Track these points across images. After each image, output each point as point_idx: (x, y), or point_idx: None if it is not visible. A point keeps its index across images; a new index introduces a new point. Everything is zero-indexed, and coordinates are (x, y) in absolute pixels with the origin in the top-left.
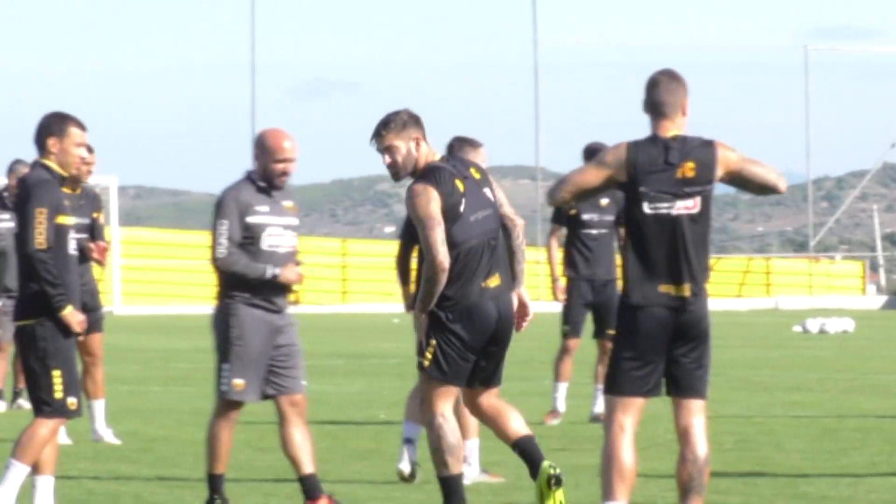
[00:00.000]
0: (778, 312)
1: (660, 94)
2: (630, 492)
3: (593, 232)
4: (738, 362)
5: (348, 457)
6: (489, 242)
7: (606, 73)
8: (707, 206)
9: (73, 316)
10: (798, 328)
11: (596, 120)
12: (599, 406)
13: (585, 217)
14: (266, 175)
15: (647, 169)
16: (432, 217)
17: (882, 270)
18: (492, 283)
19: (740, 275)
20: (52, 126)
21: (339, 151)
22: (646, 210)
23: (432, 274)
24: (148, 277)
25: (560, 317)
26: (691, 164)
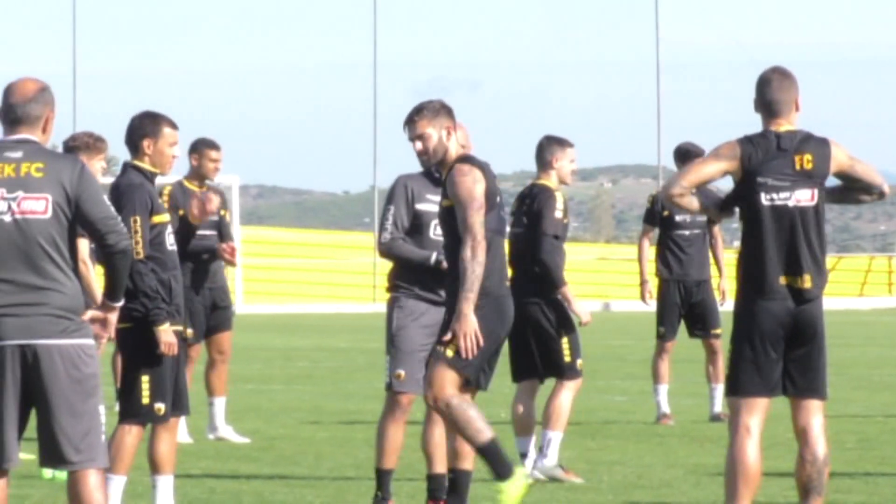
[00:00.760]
0: None
1: (772, 92)
2: (754, 495)
3: (686, 233)
4: (859, 361)
5: None
6: (505, 242)
7: (728, 71)
8: (823, 202)
9: (165, 334)
10: None
11: (718, 119)
12: (718, 405)
13: (678, 218)
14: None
15: (761, 158)
16: (479, 197)
17: None
18: (509, 283)
19: (862, 274)
20: (146, 127)
21: None
22: (763, 202)
23: (476, 250)
24: (269, 277)
25: (655, 319)
26: (809, 157)
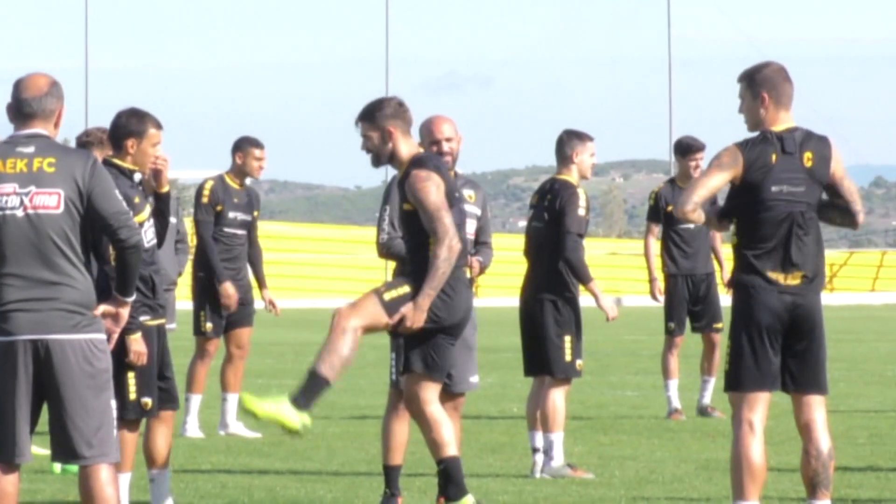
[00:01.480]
0: None
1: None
2: (761, 489)
3: (691, 227)
4: (871, 357)
5: (481, 450)
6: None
7: (740, 66)
8: (818, 199)
9: (136, 343)
10: None
11: (729, 115)
12: (708, 398)
13: None
14: None
15: (768, 165)
16: (443, 203)
17: None
18: (467, 273)
19: (874, 269)
20: (132, 126)
21: (472, 146)
22: (768, 202)
23: (452, 252)
24: (281, 272)
25: (664, 314)
26: (809, 154)
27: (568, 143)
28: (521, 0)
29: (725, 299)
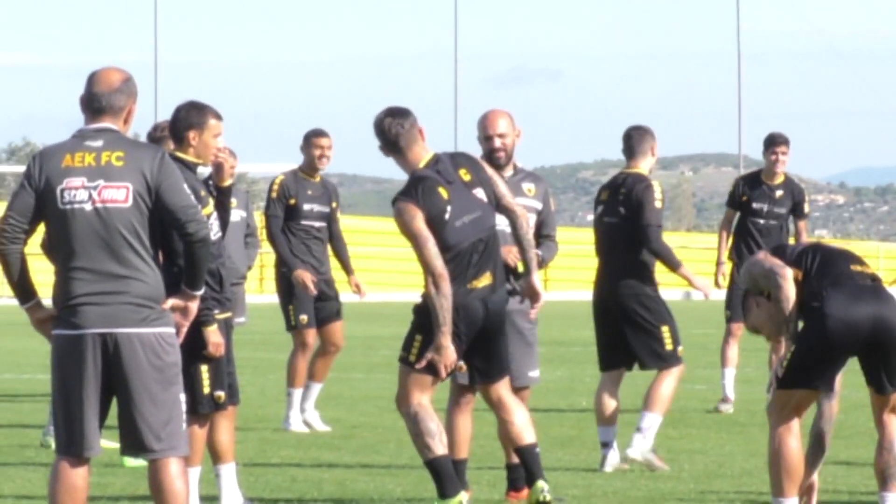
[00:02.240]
0: None
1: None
2: (799, 485)
3: (761, 221)
4: None
5: (550, 444)
6: (477, 245)
7: (809, 59)
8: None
9: (213, 335)
10: None
11: (798, 107)
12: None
13: (755, 205)
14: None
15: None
16: (420, 234)
17: None
18: (479, 284)
19: None
20: (192, 118)
21: (541, 139)
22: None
23: (438, 285)
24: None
25: (724, 302)
26: None
27: (644, 137)
28: None
29: None
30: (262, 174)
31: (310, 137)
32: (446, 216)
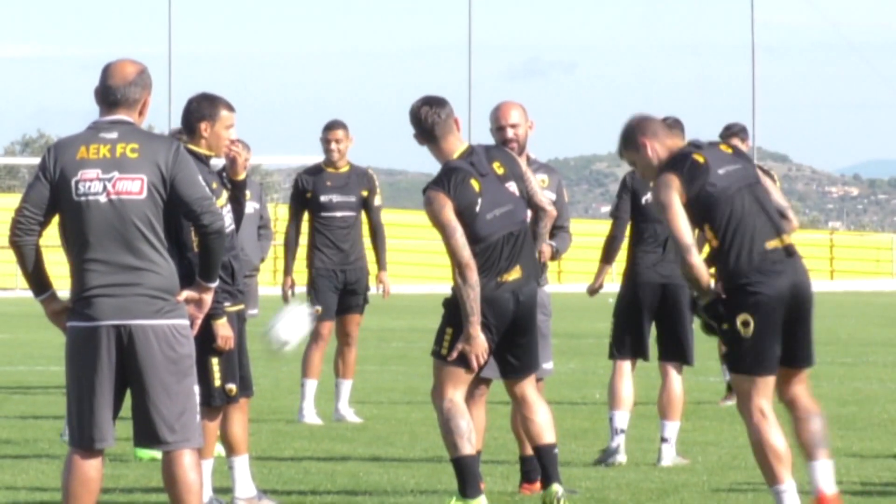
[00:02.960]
0: None
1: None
2: (790, 467)
3: None
4: None
5: (563, 436)
6: (508, 238)
7: (823, 52)
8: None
9: (223, 328)
10: None
11: (811, 100)
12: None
13: None
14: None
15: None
16: (448, 223)
17: None
18: (510, 277)
19: None
20: (204, 110)
21: (555, 131)
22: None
23: (465, 275)
24: None
25: None
26: None
27: (676, 127)
28: None
29: None
30: (276, 166)
31: (323, 130)
32: (477, 208)
